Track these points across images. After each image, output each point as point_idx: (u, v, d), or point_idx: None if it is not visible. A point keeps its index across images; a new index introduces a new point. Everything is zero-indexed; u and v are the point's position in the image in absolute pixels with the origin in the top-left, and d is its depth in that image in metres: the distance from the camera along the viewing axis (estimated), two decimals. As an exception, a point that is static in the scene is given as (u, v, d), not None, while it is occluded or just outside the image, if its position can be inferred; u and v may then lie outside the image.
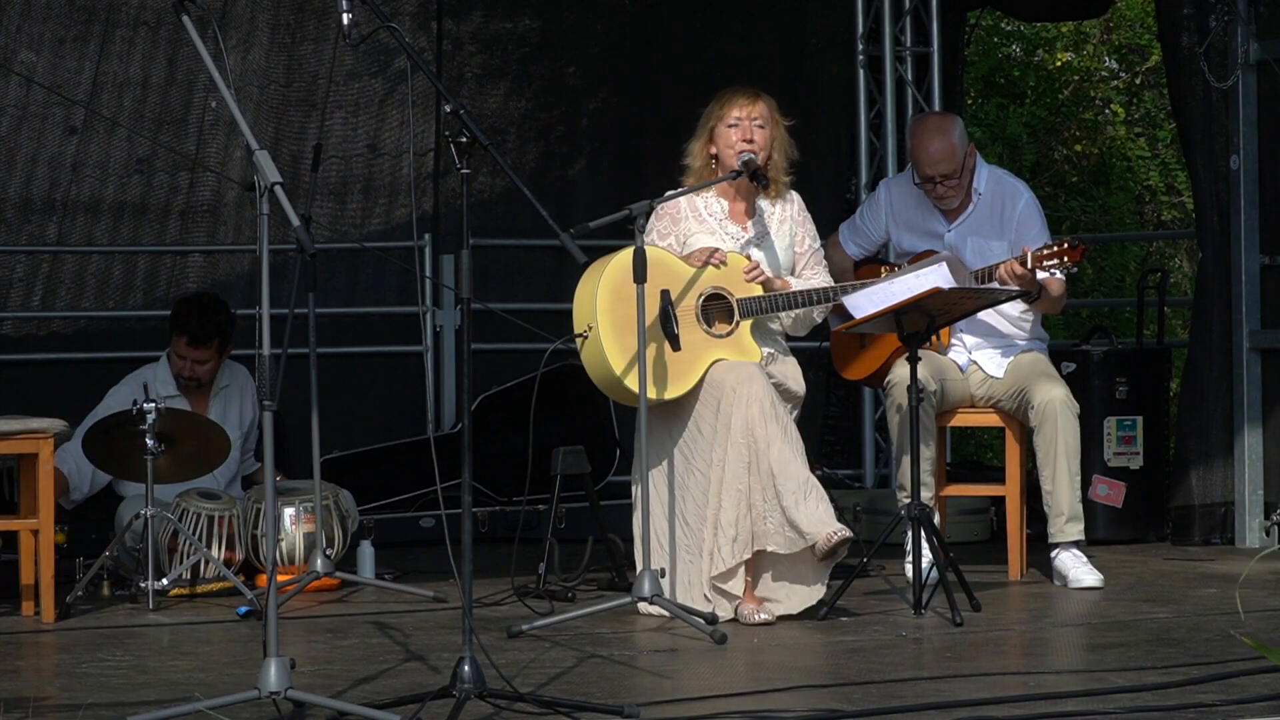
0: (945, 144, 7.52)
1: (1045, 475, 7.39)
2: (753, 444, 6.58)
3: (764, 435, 6.57)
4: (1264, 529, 8.46)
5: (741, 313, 6.82)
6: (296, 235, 5.00)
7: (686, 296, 6.78)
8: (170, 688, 5.53)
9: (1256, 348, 8.50)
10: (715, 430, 6.65)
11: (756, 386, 6.63)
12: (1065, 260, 7.21)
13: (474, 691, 5.04)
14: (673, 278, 6.77)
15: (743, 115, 6.96)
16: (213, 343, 7.93)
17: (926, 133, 7.60)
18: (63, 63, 9.37)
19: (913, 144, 7.63)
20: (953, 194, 7.55)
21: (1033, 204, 7.60)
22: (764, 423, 6.58)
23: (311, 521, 7.54)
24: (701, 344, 6.77)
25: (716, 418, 6.66)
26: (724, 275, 6.83)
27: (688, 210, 6.99)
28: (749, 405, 6.60)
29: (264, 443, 5.15)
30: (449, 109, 5.34)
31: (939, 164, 7.51)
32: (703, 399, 6.72)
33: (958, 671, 5.74)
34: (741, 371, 6.69)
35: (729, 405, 6.63)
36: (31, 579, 6.88)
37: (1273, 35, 8.45)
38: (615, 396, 6.93)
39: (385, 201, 9.82)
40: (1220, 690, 5.31)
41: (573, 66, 10.12)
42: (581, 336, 6.75)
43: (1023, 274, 7.24)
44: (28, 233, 9.42)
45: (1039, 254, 7.25)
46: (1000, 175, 7.72)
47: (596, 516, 7.60)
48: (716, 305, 6.83)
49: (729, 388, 6.65)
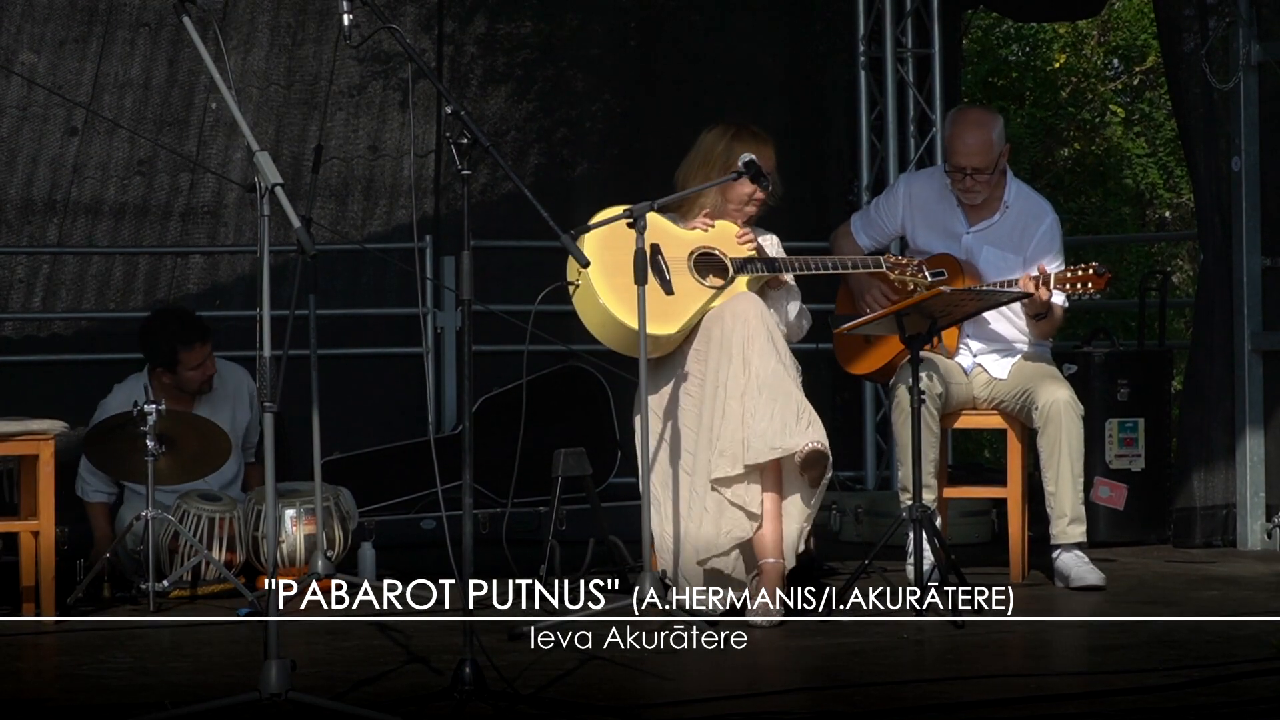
0: (984, 138, 7.49)
1: (1048, 476, 7.38)
2: (747, 363, 6.62)
3: (755, 353, 6.62)
4: (1265, 531, 8.46)
5: (735, 269, 6.86)
6: (297, 237, 5.00)
7: (676, 249, 6.84)
8: (171, 689, 5.52)
9: (1258, 349, 8.50)
10: (716, 360, 6.69)
11: (754, 308, 6.73)
12: (1089, 286, 7.20)
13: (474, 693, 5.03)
14: (662, 234, 6.83)
15: (767, 166, 6.94)
16: (206, 334, 7.84)
17: (967, 124, 7.55)
18: (64, 64, 9.37)
19: (951, 132, 7.59)
20: (980, 190, 7.51)
21: (1056, 226, 7.58)
22: (757, 341, 6.65)
23: (312, 523, 7.53)
24: (694, 291, 6.84)
25: (721, 348, 6.69)
26: (713, 237, 6.87)
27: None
28: (745, 323, 6.69)
29: (264, 444, 5.14)
30: (450, 110, 5.34)
31: (973, 156, 7.48)
32: (700, 341, 6.80)
33: (959, 674, 5.74)
34: (739, 300, 6.79)
35: (728, 330, 6.69)
36: (32, 580, 6.87)
37: (1274, 36, 8.44)
38: (611, 340, 6.91)
39: (386, 203, 9.82)
40: (1222, 692, 5.31)
41: (575, 69, 10.11)
42: (574, 284, 6.76)
43: (1044, 293, 7.23)
44: (28, 234, 9.42)
45: (1062, 275, 7.23)
46: (1028, 192, 7.69)
47: (598, 518, 7.59)
48: (708, 261, 6.87)
49: (727, 315, 6.75)
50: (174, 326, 7.84)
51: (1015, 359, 7.56)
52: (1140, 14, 15.64)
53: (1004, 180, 7.59)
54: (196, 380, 7.82)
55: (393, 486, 9.08)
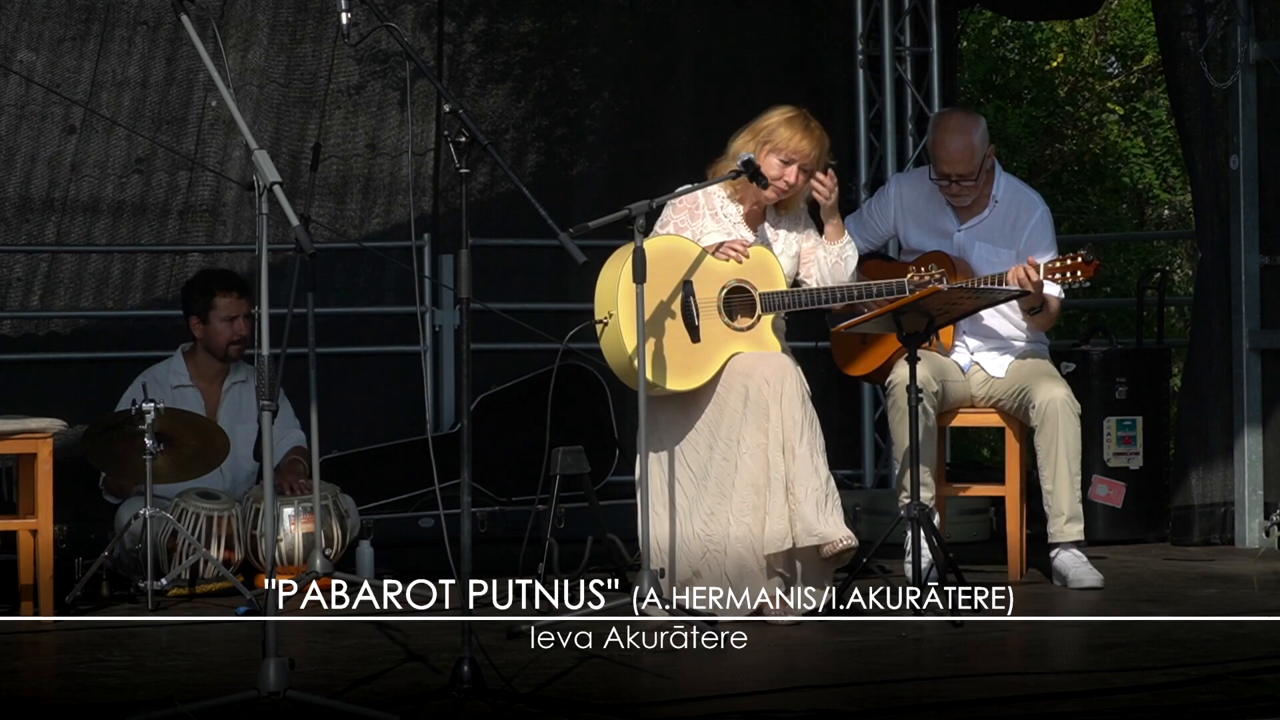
0: (965, 144, 7.49)
1: (1046, 475, 7.39)
2: (785, 437, 6.60)
3: (793, 430, 6.60)
4: (1263, 529, 8.46)
5: (764, 306, 6.83)
6: (295, 235, 5.00)
7: (708, 286, 6.80)
8: (169, 688, 5.51)
9: (1256, 348, 8.50)
10: (744, 417, 6.67)
11: (791, 381, 6.66)
12: (1078, 274, 7.20)
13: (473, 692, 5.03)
14: (696, 267, 6.79)
15: (803, 161, 6.90)
16: (247, 292, 7.93)
17: (948, 131, 7.55)
18: (62, 62, 9.37)
19: (933, 140, 7.60)
20: (967, 194, 7.53)
21: (1047, 218, 7.58)
22: (794, 419, 6.61)
23: (310, 521, 7.53)
24: (721, 336, 6.79)
25: (745, 404, 6.67)
26: (746, 269, 6.84)
27: (705, 207, 7.01)
28: (784, 399, 6.62)
29: (264, 443, 5.14)
30: (448, 109, 5.34)
31: (957, 163, 7.49)
32: (726, 384, 6.74)
33: (957, 672, 5.74)
34: (775, 363, 6.72)
35: (763, 395, 6.64)
36: (30, 579, 6.87)
37: (1272, 35, 8.45)
38: (632, 384, 6.92)
39: (384, 201, 9.82)
40: (1220, 691, 5.31)
41: (574, 68, 10.11)
42: (601, 323, 6.77)
43: (1035, 281, 7.23)
44: (26, 232, 9.42)
45: (1051, 265, 7.23)
46: (1017, 185, 7.70)
47: (596, 517, 7.59)
48: (739, 299, 6.84)
49: (761, 378, 6.67)
50: (216, 273, 8.12)
51: (1012, 357, 7.56)
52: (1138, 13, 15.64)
53: (992, 177, 7.60)
54: (226, 334, 7.87)
55: (391, 485, 9.08)
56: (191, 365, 7.96)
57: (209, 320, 7.90)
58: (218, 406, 7.92)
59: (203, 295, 7.94)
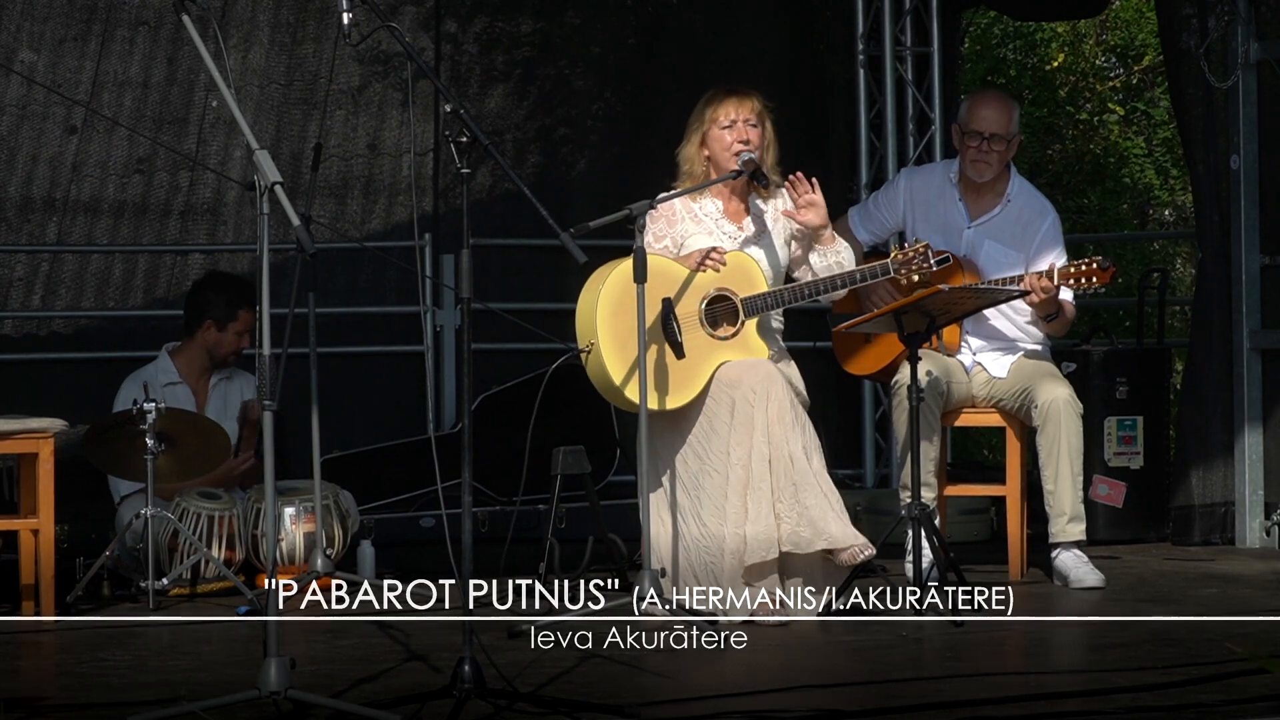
0: (1003, 109, 7.55)
1: (1047, 475, 7.39)
2: (773, 444, 6.58)
3: (781, 435, 6.58)
4: (1264, 529, 8.46)
5: (746, 312, 6.81)
6: (296, 235, 5.00)
7: (689, 300, 6.77)
8: (170, 687, 5.52)
9: (1257, 348, 8.50)
10: (731, 428, 6.65)
11: (777, 387, 6.64)
12: (1094, 280, 7.19)
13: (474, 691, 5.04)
14: (673, 283, 6.76)
15: (736, 116, 6.95)
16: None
17: (988, 95, 7.73)
18: (63, 62, 9.37)
19: (970, 104, 7.61)
20: (991, 163, 7.50)
21: (1057, 225, 7.59)
22: (783, 423, 6.59)
23: (312, 521, 7.53)
24: (706, 348, 6.76)
25: (733, 416, 6.65)
26: (725, 276, 6.81)
27: (683, 211, 6.98)
28: (770, 404, 6.61)
29: (264, 443, 5.14)
30: (449, 109, 5.34)
31: (992, 123, 7.49)
32: (714, 396, 6.72)
33: (958, 672, 5.74)
34: (760, 371, 6.69)
35: (748, 405, 6.62)
36: (31, 579, 6.87)
37: (1273, 35, 8.45)
38: (622, 406, 6.92)
39: (385, 201, 9.82)
40: (1220, 690, 5.31)
41: (575, 68, 10.11)
42: (585, 352, 6.76)
43: (1049, 288, 7.22)
44: (28, 232, 9.42)
45: (1066, 270, 7.22)
46: (1030, 189, 7.70)
47: (597, 516, 7.59)
48: (721, 307, 6.81)
49: (747, 387, 6.65)
50: (242, 285, 8.04)
51: (1015, 357, 7.56)
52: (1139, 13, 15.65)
53: (1008, 174, 7.60)
54: (235, 346, 7.94)
55: (392, 485, 9.08)
56: (179, 363, 7.98)
57: (225, 329, 7.93)
58: (205, 403, 7.94)
59: (228, 305, 7.96)
